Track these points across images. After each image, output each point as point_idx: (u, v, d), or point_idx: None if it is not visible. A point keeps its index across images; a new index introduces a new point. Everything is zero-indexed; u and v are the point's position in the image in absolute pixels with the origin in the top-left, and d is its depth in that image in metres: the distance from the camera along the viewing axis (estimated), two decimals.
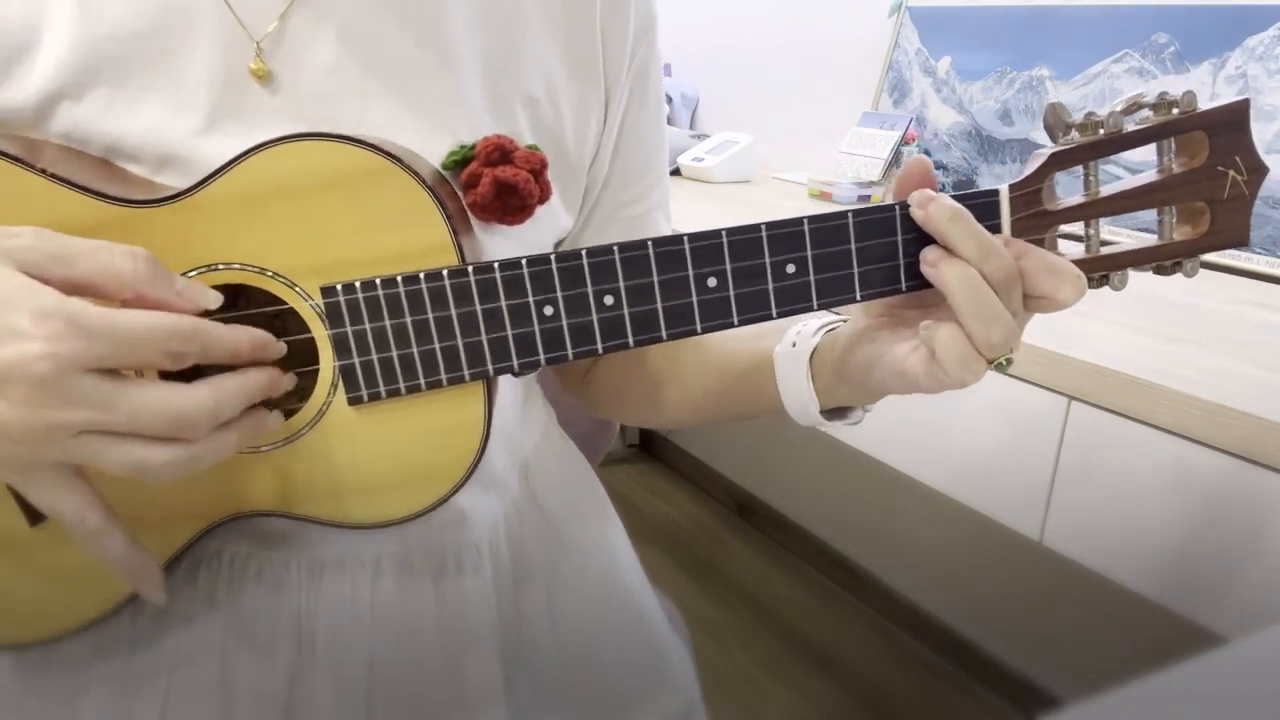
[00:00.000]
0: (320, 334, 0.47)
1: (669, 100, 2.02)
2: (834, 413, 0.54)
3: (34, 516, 0.47)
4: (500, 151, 0.51)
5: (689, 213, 1.39)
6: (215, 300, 0.44)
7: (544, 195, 0.53)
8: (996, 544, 1.58)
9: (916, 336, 0.46)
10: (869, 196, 1.48)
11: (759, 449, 2.16)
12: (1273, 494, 0.67)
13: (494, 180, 0.51)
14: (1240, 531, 0.69)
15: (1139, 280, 0.49)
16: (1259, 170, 0.46)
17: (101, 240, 0.41)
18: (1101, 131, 0.46)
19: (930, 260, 0.45)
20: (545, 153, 0.55)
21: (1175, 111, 0.45)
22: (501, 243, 0.54)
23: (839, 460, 1.94)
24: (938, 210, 0.45)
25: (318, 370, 0.48)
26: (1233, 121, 0.45)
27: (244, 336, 0.44)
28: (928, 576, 1.77)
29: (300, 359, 0.48)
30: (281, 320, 0.52)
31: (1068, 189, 0.47)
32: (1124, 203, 0.47)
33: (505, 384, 0.62)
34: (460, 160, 0.51)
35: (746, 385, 0.57)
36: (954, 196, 0.46)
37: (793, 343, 0.54)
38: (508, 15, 0.55)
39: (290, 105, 0.50)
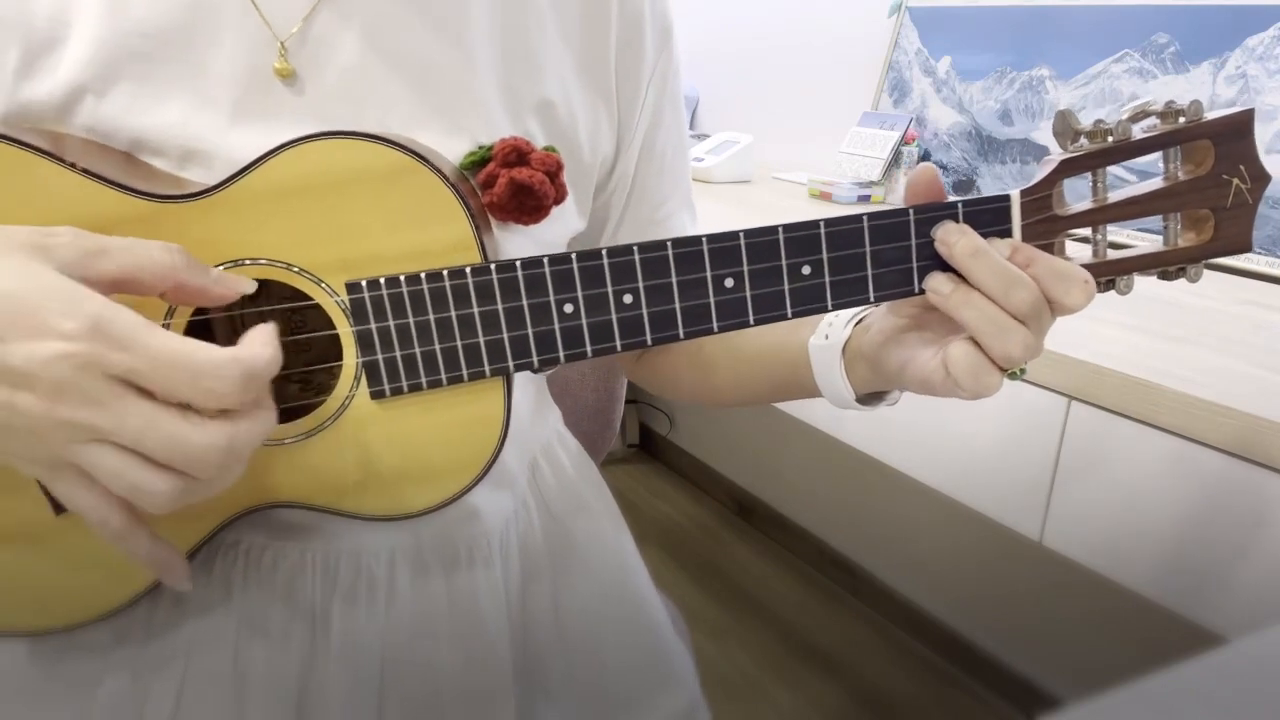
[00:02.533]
0: (344, 330, 0.48)
1: None
2: (871, 396, 0.55)
3: (58, 505, 0.47)
4: (517, 153, 0.52)
5: None
6: (250, 286, 0.45)
7: (559, 196, 0.54)
8: (996, 544, 1.59)
9: (939, 346, 0.47)
10: (869, 196, 1.48)
11: (759, 449, 2.16)
12: (1273, 493, 0.67)
13: (510, 181, 0.51)
14: (1241, 531, 0.69)
15: (1139, 280, 0.49)
16: (1262, 179, 0.47)
17: (134, 238, 0.41)
18: (1110, 139, 0.46)
19: (944, 292, 0.46)
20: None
21: (1182, 120, 0.46)
22: (517, 240, 0.55)
23: (839, 460, 1.94)
24: (961, 249, 0.46)
25: (340, 365, 0.48)
26: (1237, 130, 0.46)
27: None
28: (928, 576, 1.77)
29: (324, 354, 0.49)
30: (305, 315, 0.52)
31: (1074, 193, 0.48)
32: (1131, 209, 0.48)
33: (520, 383, 0.63)
34: (478, 161, 0.52)
35: (795, 375, 0.58)
36: (967, 202, 0.47)
37: (825, 335, 0.55)
38: (527, 19, 0.56)
39: (313, 104, 0.51)
